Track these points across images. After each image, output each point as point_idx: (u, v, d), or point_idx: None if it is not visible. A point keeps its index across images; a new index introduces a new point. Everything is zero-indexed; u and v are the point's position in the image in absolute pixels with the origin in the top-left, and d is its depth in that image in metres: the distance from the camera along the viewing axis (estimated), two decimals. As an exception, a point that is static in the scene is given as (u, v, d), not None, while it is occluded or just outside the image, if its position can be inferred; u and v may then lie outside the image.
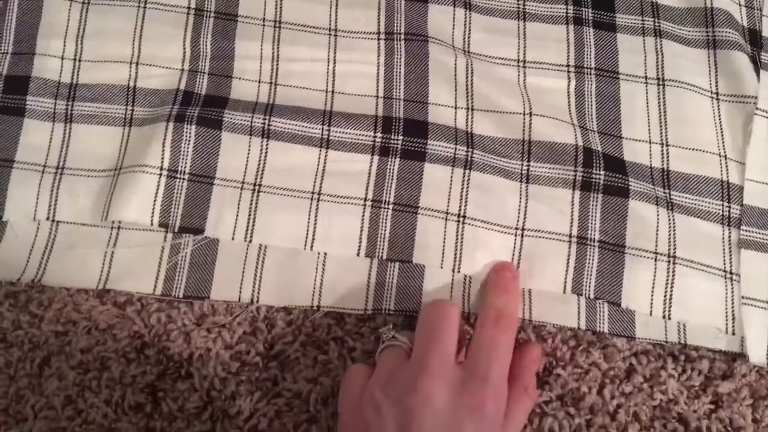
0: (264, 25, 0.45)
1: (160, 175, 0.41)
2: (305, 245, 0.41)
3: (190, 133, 0.41)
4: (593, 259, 0.41)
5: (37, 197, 0.41)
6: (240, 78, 0.44)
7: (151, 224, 0.40)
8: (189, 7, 0.45)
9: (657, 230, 0.42)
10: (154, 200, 0.40)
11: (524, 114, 0.44)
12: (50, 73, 0.43)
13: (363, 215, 0.41)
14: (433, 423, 0.33)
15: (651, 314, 0.41)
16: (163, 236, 0.41)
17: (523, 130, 0.43)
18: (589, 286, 0.41)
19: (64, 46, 0.44)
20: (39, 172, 0.41)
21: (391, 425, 0.33)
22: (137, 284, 0.40)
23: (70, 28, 0.44)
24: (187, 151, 0.41)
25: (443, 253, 0.41)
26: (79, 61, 0.44)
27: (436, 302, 0.39)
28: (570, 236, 0.42)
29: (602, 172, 0.42)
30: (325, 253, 0.41)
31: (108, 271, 0.40)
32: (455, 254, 0.41)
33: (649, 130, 0.44)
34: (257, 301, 0.40)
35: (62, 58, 0.44)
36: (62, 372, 0.39)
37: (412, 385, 0.34)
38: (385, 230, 0.41)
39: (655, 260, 0.41)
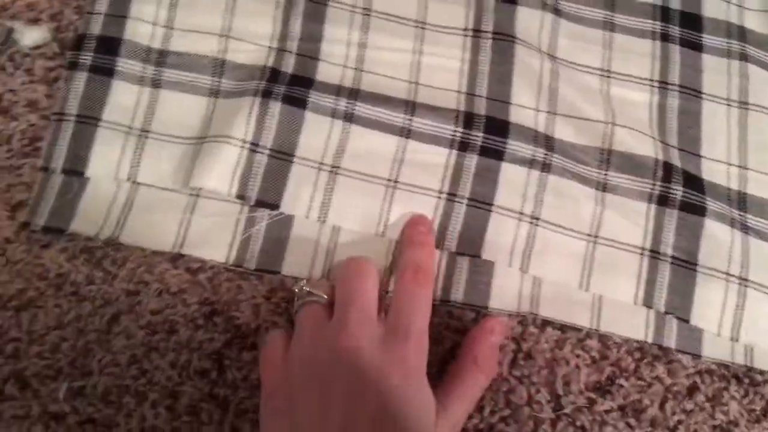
0: (354, 11, 0.45)
1: (242, 147, 0.41)
2: (377, 230, 0.41)
3: (275, 109, 0.42)
4: (665, 274, 0.41)
5: (120, 157, 0.41)
6: (326, 61, 0.44)
7: (229, 195, 0.41)
8: (282, -13, 0.45)
9: (730, 252, 0.42)
10: (234, 171, 0.41)
11: (606, 123, 0.44)
12: (141, 38, 0.44)
13: (436, 207, 0.42)
14: (357, 380, 0.33)
15: (719, 334, 0.40)
16: (239, 208, 0.41)
17: (604, 139, 0.43)
18: (660, 300, 0.41)
19: (157, 12, 0.44)
20: (124, 133, 0.42)
21: (317, 389, 0.33)
22: (211, 252, 0.41)
23: (164, -5, 0.44)
24: (271, 126, 0.42)
25: (512, 252, 0.41)
26: (171, 28, 0.44)
27: (352, 259, 0.39)
28: (643, 249, 0.42)
29: (680, 189, 0.42)
30: (397, 240, 0.41)
31: (183, 236, 0.41)
32: (524, 254, 0.41)
33: (728, 151, 0.44)
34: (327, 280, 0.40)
35: (154, 24, 0.44)
36: (130, 331, 0.39)
37: (335, 346, 0.34)
38: (457, 223, 0.41)
39: (727, 281, 0.41)
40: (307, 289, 0.37)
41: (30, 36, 0.43)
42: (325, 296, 0.37)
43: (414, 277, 0.37)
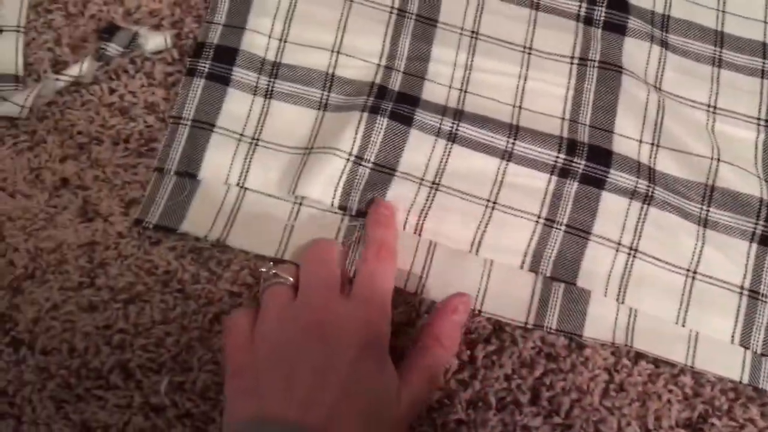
0: (462, 34, 0.46)
1: (348, 159, 0.42)
2: (472, 249, 0.42)
3: (381, 124, 0.43)
4: (763, 315, 0.41)
5: (231, 162, 0.43)
6: (432, 81, 0.45)
7: (332, 205, 0.42)
8: (393, 7, 0.47)
9: (832, 297, 0.41)
10: (338, 183, 0.42)
11: (711, 159, 0.44)
12: (257, 49, 0.45)
13: (534, 231, 0.42)
14: (321, 355, 0.34)
15: (817, 380, 0.39)
16: (340, 218, 0.42)
17: (708, 175, 0.43)
18: (758, 341, 0.40)
19: (273, 25, 0.46)
20: (236, 140, 0.43)
21: (282, 366, 0.33)
22: (310, 259, 0.41)
23: (280, 10, 0.46)
24: (376, 141, 0.43)
25: (608, 282, 0.41)
26: (285, 41, 0.46)
27: (315, 241, 0.40)
28: (742, 288, 0.41)
29: (784, 230, 0.42)
30: (492, 261, 0.42)
31: (287, 242, 0.42)
32: (621, 285, 0.41)
33: (835, 195, 0.43)
34: (421, 293, 0.41)
35: (270, 37, 0.46)
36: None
37: (300, 323, 0.34)
38: (553, 249, 0.42)
39: (822, 325, 0.40)
40: (273, 271, 0.38)
41: (152, 41, 0.45)
42: (291, 278, 0.38)
43: (377, 254, 0.38)
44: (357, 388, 0.33)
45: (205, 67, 0.44)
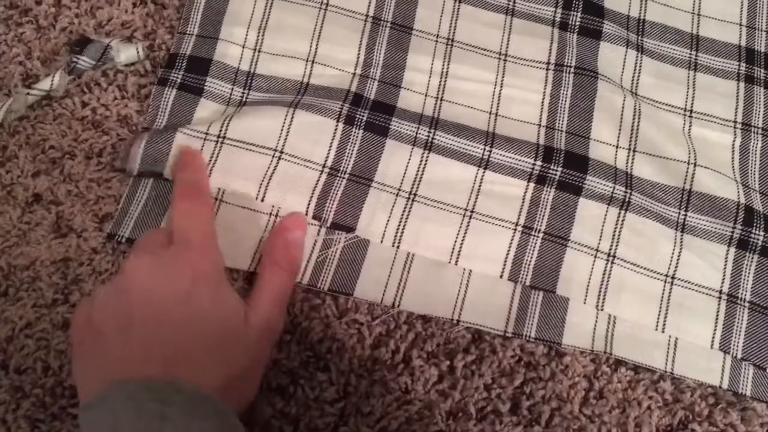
0: (437, 41, 0.46)
1: (322, 172, 0.42)
2: (451, 259, 0.41)
3: (357, 135, 0.43)
4: (742, 319, 0.41)
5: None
6: (408, 89, 0.45)
7: (306, 215, 0.41)
8: (367, 15, 0.46)
9: (811, 300, 0.41)
10: (312, 194, 0.41)
11: (688, 163, 0.43)
12: (231, 60, 0.45)
13: (512, 239, 0.42)
14: (148, 299, 0.34)
15: (797, 384, 0.39)
16: (317, 230, 0.42)
17: (685, 179, 0.43)
18: (737, 346, 0.40)
19: (247, 35, 0.46)
20: (201, 138, 0.42)
21: (115, 323, 0.33)
22: (287, 272, 0.41)
23: (253, 19, 0.46)
24: (352, 152, 0.42)
25: (588, 289, 0.41)
26: (259, 51, 0.45)
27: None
28: (720, 292, 0.41)
29: (761, 233, 0.42)
30: (470, 270, 0.41)
31: (260, 255, 0.41)
32: (600, 292, 0.41)
33: (812, 197, 0.44)
34: (398, 305, 0.41)
35: (243, 47, 0.45)
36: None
37: (122, 277, 0.34)
38: (532, 257, 0.41)
39: (807, 330, 0.40)
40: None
41: (124, 53, 0.44)
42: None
43: (183, 195, 0.38)
44: (194, 323, 0.33)
45: (177, 77, 0.44)
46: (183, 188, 0.39)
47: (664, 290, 0.41)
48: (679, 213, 0.42)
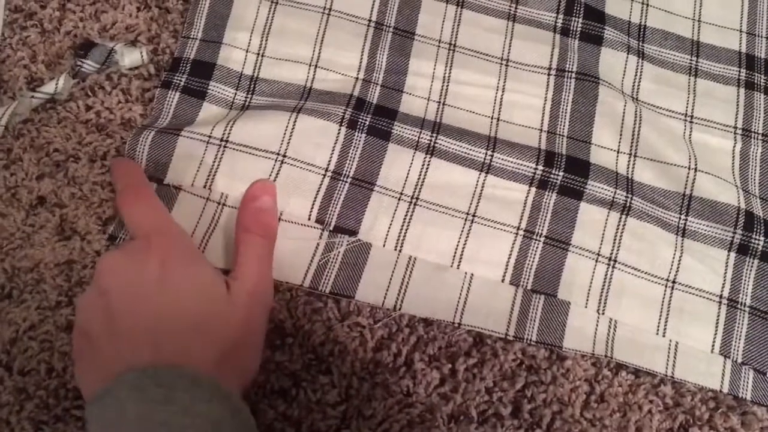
0: (439, 46, 0.46)
1: (324, 175, 0.42)
2: (452, 262, 0.42)
3: (359, 140, 0.43)
4: (743, 324, 0.41)
5: (198, 165, 0.42)
6: (410, 93, 0.45)
7: (309, 219, 0.41)
8: (370, 20, 0.47)
9: (811, 305, 0.41)
10: (315, 197, 0.42)
11: (689, 168, 0.44)
12: (234, 64, 0.45)
13: (513, 243, 0.42)
14: (125, 288, 0.34)
15: (797, 388, 0.40)
16: (319, 233, 0.42)
17: (686, 184, 0.43)
18: (737, 350, 0.40)
19: (250, 40, 0.46)
20: (204, 142, 0.42)
21: (101, 319, 0.34)
22: (288, 274, 0.42)
23: (257, 24, 0.46)
24: (354, 156, 0.43)
25: (589, 293, 0.41)
26: (262, 56, 0.46)
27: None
28: (721, 297, 0.41)
29: (762, 238, 0.42)
30: (472, 274, 0.42)
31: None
32: (601, 296, 0.41)
33: (812, 203, 0.44)
34: (400, 308, 0.41)
35: (247, 51, 0.46)
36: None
37: (95, 274, 0.35)
38: (533, 261, 0.42)
39: (806, 335, 0.40)
40: None
41: (128, 57, 0.44)
42: None
43: (127, 198, 0.39)
44: (173, 305, 0.34)
45: (180, 80, 0.44)
46: (124, 194, 0.39)
47: (664, 294, 0.41)
48: (680, 218, 0.43)
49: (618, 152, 0.44)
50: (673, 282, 0.41)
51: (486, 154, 0.43)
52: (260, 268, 0.38)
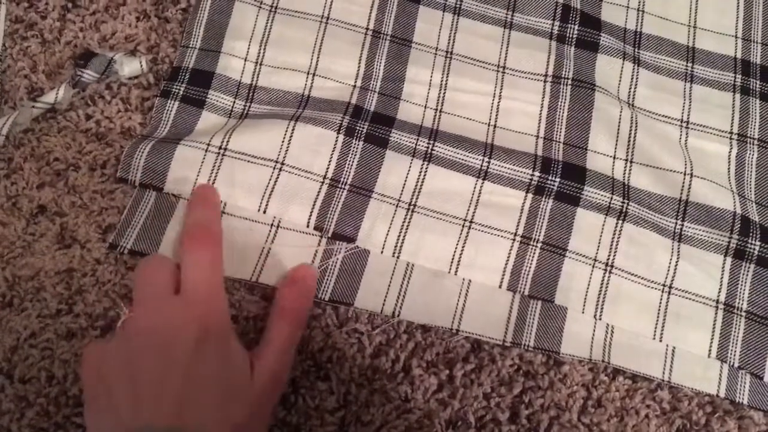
0: (436, 54, 0.47)
1: (323, 183, 0.42)
2: (450, 269, 0.42)
3: (357, 147, 0.43)
4: (739, 328, 0.41)
5: (197, 174, 0.43)
6: (407, 101, 0.46)
7: (307, 226, 0.42)
8: (368, 28, 0.47)
9: (807, 309, 0.41)
10: (313, 204, 0.42)
11: (684, 174, 0.44)
12: (233, 72, 0.45)
13: (511, 249, 0.42)
14: (159, 353, 0.34)
15: (793, 393, 0.40)
16: (317, 240, 0.42)
17: (682, 190, 0.44)
18: (734, 355, 0.40)
19: (248, 48, 0.46)
20: (203, 150, 0.43)
21: (131, 379, 0.33)
22: (288, 282, 0.42)
23: (255, 33, 0.46)
24: (352, 164, 0.43)
25: (586, 299, 0.41)
26: (261, 64, 0.46)
27: (145, 259, 0.38)
28: (717, 302, 0.42)
29: (758, 243, 0.42)
30: (470, 280, 0.42)
31: (262, 265, 0.42)
32: (598, 301, 0.41)
33: (809, 207, 0.44)
34: (398, 315, 0.41)
35: (245, 60, 0.46)
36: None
37: (133, 331, 0.34)
38: (531, 267, 0.42)
39: (803, 339, 0.41)
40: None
41: (128, 67, 0.45)
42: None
43: (195, 237, 0.37)
44: (201, 375, 0.33)
45: (179, 89, 0.44)
46: (194, 230, 0.38)
47: (661, 300, 0.41)
48: (676, 223, 0.43)
49: (614, 158, 0.44)
50: (670, 287, 0.41)
51: (483, 160, 0.43)
52: (284, 356, 0.39)
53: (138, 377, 0.34)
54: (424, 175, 0.43)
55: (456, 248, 0.42)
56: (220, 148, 0.42)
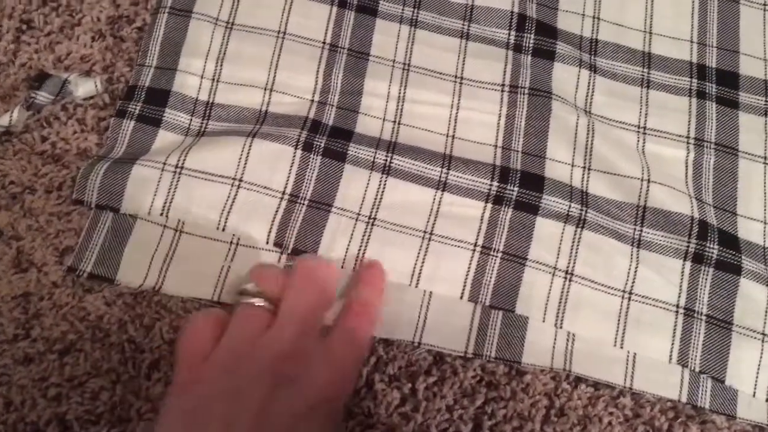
0: (394, 66, 0.47)
1: (282, 198, 0.42)
2: (411, 281, 0.42)
3: (315, 162, 0.43)
4: (699, 333, 0.41)
5: (154, 193, 0.42)
6: (366, 114, 0.46)
7: (267, 243, 0.42)
8: (324, 42, 0.47)
9: (766, 311, 0.42)
10: (272, 221, 0.42)
11: (642, 180, 0.44)
12: (189, 90, 0.45)
13: (471, 260, 0.42)
14: (272, 399, 0.32)
15: (754, 395, 0.40)
16: (277, 257, 0.42)
17: (639, 196, 0.44)
18: (695, 359, 0.40)
19: (205, 65, 0.46)
20: (159, 169, 0.43)
21: (228, 406, 0.31)
22: (249, 300, 0.41)
23: (212, 50, 0.46)
24: (311, 179, 0.43)
25: (546, 307, 0.42)
26: (217, 81, 0.46)
27: (312, 260, 0.39)
28: (677, 307, 0.42)
29: (716, 247, 0.42)
30: (431, 292, 0.42)
31: (222, 284, 0.41)
32: (559, 310, 0.41)
33: (765, 210, 0.44)
34: (359, 330, 0.41)
35: (202, 77, 0.46)
36: (170, 378, 0.40)
37: (265, 362, 0.32)
38: (491, 277, 0.42)
39: (762, 341, 0.41)
40: (257, 289, 0.36)
41: (83, 87, 0.45)
42: (271, 305, 0.35)
43: (359, 312, 0.37)
44: None
45: (135, 108, 0.44)
46: (360, 305, 0.38)
47: (621, 306, 0.41)
48: (635, 229, 0.43)
49: (572, 166, 0.44)
50: (630, 293, 0.41)
51: (442, 172, 0.43)
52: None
53: (234, 414, 0.31)
54: (384, 188, 0.43)
55: (417, 260, 0.42)
56: (176, 166, 0.42)
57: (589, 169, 0.44)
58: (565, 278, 0.42)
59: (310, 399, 0.32)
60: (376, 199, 0.43)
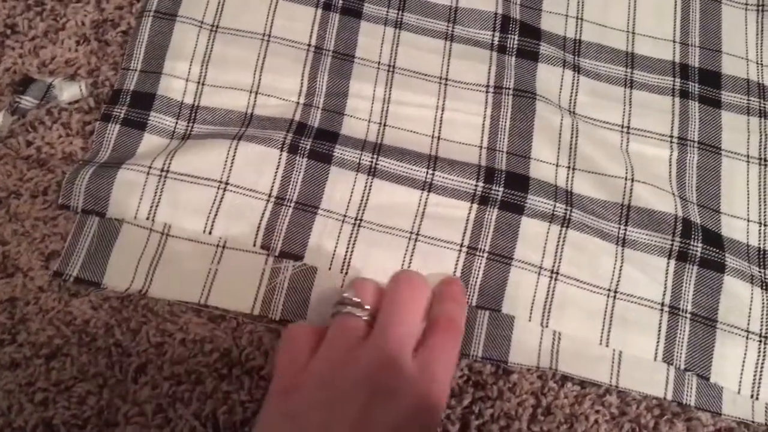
0: (378, 68, 0.47)
1: (268, 201, 0.42)
2: (398, 283, 0.42)
3: (301, 164, 0.43)
4: (684, 330, 0.41)
5: (140, 197, 0.42)
6: (351, 116, 0.46)
7: (254, 245, 0.42)
8: (309, 44, 0.47)
9: (750, 309, 0.42)
10: (259, 223, 0.42)
11: (626, 179, 0.44)
12: (174, 93, 0.45)
13: (457, 260, 0.42)
14: (369, 410, 0.32)
15: (739, 392, 0.41)
16: (264, 259, 0.42)
17: (624, 195, 0.44)
18: (680, 357, 0.41)
19: (190, 69, 0.46)
20: (144, 173, 0.43)
21: (331, 407, 0.32)
22: (236, 303, 0.42)
23: (197, 53, 0.46)
24: (297, 181, 0.43)
25: (532, 307, 0.42)
26: (203, 84, 0.46)
27: (410, 274, 0.39)
28: (662, 305, 0.42)
29: (699, 245, 0.43)
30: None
31: (210, 287, 0.41)
32: (545, 309, 0.42)
33: (748, 208, 0.45)
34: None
35: (187, 80, 0.46)
36: (156, 381, 0.40)
37: (359, 369, 0.33)
38: (478, 277, 0.42)
39: (747, 338, 0.41)
40: (356, 299, 0.36)
41: (67, 91, 0.45)
42: (369, 316, 0.36)
43: (447, 327, 0.37)
44: None
45: (120, 112, 0.44)
46: (446, 321, 0.37)
47: (607, 304, 0.42)
48: (620, 228, 0.43)
49: (557, 166, 0.44)
50: (615, 292, 0.42)
51: (427, 173, 0.43)
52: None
53: (335, 420, 0.32)
54: (369, 189, 0.43)
55: (403, 261, 0.42)
56: (162, 170, 0.42)
57: (573, 169, 0.45)
58: (551, 277, 0.42)
59: (407, 411, 0.32)
60: (362, 200, 0.43)
